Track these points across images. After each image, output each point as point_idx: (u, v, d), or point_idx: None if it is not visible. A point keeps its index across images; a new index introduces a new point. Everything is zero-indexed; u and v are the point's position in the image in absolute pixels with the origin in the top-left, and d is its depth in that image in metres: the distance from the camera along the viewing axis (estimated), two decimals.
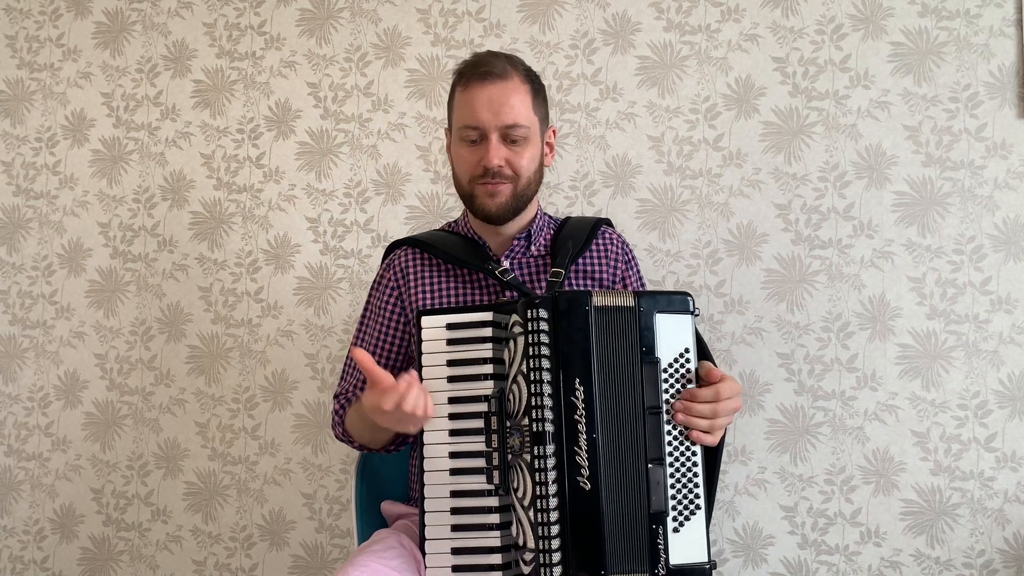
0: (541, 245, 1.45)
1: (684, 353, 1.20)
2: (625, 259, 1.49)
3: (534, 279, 1.42)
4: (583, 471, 1.12)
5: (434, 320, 1.22)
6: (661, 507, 1.15)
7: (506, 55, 1.37)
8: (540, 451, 1.12)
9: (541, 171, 1.42)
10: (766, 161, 1.89)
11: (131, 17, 2.10)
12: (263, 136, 2.05)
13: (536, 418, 1.12)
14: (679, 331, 1.19)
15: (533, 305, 1.15)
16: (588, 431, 1.13)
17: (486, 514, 1.16)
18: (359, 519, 1.49)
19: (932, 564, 1.84)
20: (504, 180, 1.34)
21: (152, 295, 2.08)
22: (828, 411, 1.87)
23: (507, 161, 1.33)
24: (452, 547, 1.16)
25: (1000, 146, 1.83)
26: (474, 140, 1.34)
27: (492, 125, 1.31)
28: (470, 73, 1.34)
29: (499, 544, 1.15)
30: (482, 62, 1.33)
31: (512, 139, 1.33)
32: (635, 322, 1.17)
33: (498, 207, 1.36)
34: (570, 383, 1.14)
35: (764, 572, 1.88)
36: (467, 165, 1.36)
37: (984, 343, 1.83)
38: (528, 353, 1.14)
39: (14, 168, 2.13)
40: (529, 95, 1.35)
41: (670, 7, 1.93)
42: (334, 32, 2.03)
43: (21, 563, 2.13)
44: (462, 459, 1.17)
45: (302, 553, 2.03)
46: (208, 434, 2.06)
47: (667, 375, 1.19)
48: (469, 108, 1.33)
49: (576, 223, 1.49)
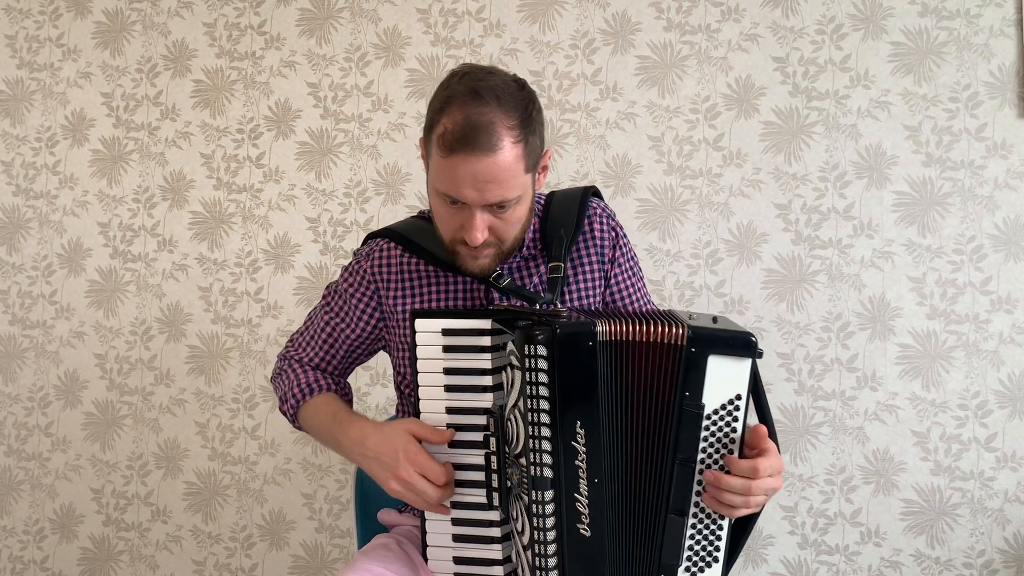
0: (528, 240, 1.33)
1: (734, 401, 1.05)
2: (612, 237, 1.35)
3: (529, 270, 1.33)
4: (583, 518, 1.05)
5: (428, 324, 1.15)
6: (674, 560, 1.07)
7: (496, 96, 1.12)
8: (538, 496, 1.04)
9: (533, 206, 1.26)
10: (766, 161, 1.89)
11: (131, 17, 2.10)
12: (263, 136, 2.05)
13: (534, 461, 1.04)
14: (733, 376, 1.04)
15: (531, 340, 1.03)
16: (590, 475, 1.04)
17: (487, 527, 1.13)
18: (359, 520, 1.49)
19: (932, 564, 1.83)
20: (488, 247, 1.19)
21: (152, 295, 2.08)
22: (828, 411, 1.87)
23: (491, 230, 1.17)
24: (454, 556, 1.14)
25: (1000, 146, 1.83)
26: (454, 202, 1.15)
27: (476, 203, 1.13)
28: (453, 141, 1.10)
29: (500, 557, 1.13)
30: (466, 129, 1.10)
31: (500, 206, 1.15)
32: (678, 362, 1.04)
33: (481, 268, 1.22)
34: (571, 426, 1.04)
35: (764, 572, 1.88)
36: (446, 225, 1.20)
37: (984, 343, 1.82)
38: (526, 392, 1.04)
39: (14, 168, 2.13)
40: (521, 157, 1.13)
41: (670, 7, 1.93)
42: (334, 32, 2.03)
43: (21, 563, 2.13)
44: (462, 471, 1.14)
45: (302, 553, 2.03)
46: (208, 434, 2.06)
47: (709, 423, 1.05)
48: (449, 178, 1.13)
49: (562, 200, 1.35)
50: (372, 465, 1.16)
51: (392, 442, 1.13)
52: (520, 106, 1.14)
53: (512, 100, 1.13)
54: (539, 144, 1.19)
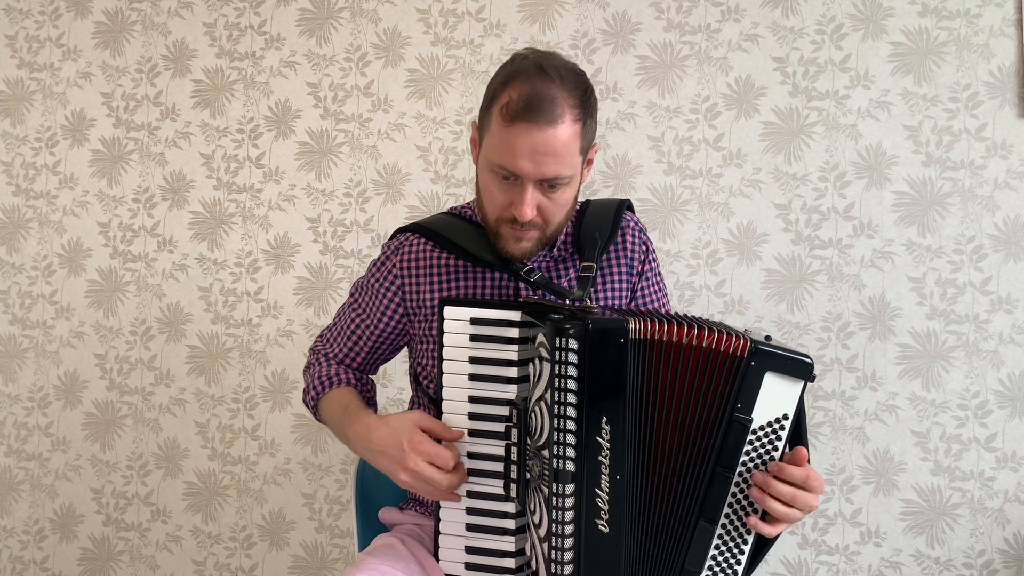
0: (560, 242, 1.34)
1: (780, 420, 1.07)
2: (643, 251, 1.38)
3: (559, 272, 1.34)
4: (603, 514, 1.06)
5: (457, 312, 1.15)
6: (697, 566, 1.08)
7: (560, 75, 1.15)
8: (559, 488, 1.05)
9: (578, 194, 1.28)
10: (766, 161, 1.89)
11: (131, 17, 2.10)
12: (263, 136, 2.05)
13: (557, 454, 1.05)
14: (784, 396, 1.07)
15: (563, 332, 1.03)
16: (612, 472, 1.05)
17: (501, 518, 1.13)
18: (359, 519, 1.49)
19: (932, 564, 1.84)
20: (533, 228, 1.21)
21: (152, 295, 2.08)
22: (828, 411, 1.87)
23: (539, 209, 1.19)
24: (466, 546, 1.15)
25: (1000, 146, 1.83)
26: (506, 178, 1.18)
27: (531, 176, 1.15)
28: (516, 111, 1.13)
29: (513, 549, 1.13)
30: (532, 100, 1.13)
31: (551, 185, 1.18)
32: (734, 372, 1.05)
33: (523, 252, 1.24)
34: (597, 421, 1.04)
35: (764, 572, 1.88)
36: (495, 202, 1.21)
37: (984, 343, 1.83)
38: (554, 384, 1.05)
39: (14, 168, 2.13)
40: (579, 136, 1.16)
41: (670, 7, 1.93)
42: (334, 32, 2.03)
43: (21, 563, 2.13)
44: (480, 460, 1.14)
45: (302, 553, 2.03)
46: (208, 434, 2.06)
47: (754, 437, 1.07)
48: (508, 149, 1.15)
49: (598, 208, 1.38)
50: (379, 459, 1.16)
51: (397, 434, 1.14)
52: (581, 88, 1.17)
53: (574, 81, 1.17)
54: (593, 130, 1.22)
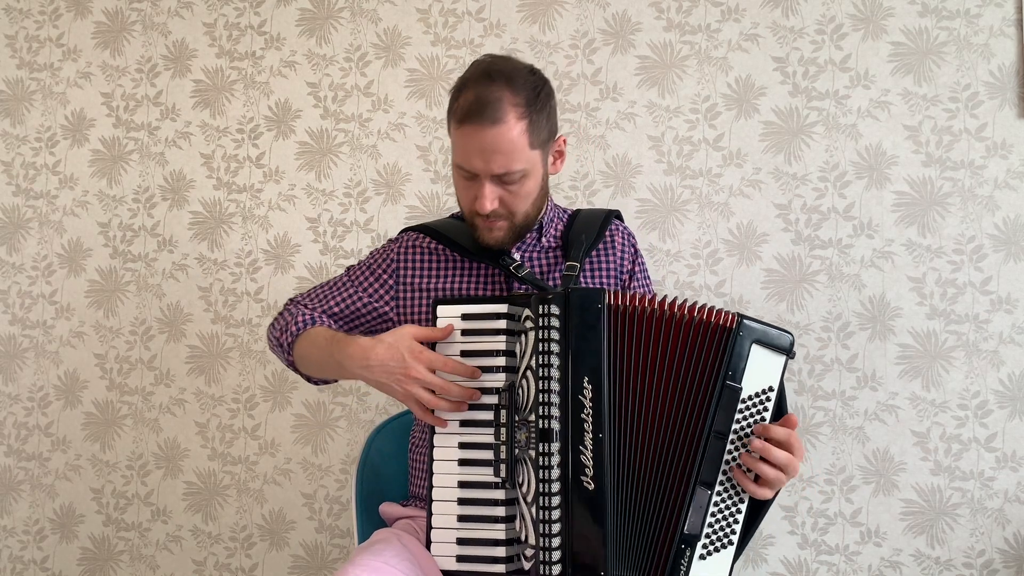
0: (552, 237, 1.44)
1: (767, 391, 1.15)
2: (632, 253, 1.48)
3: (546, 272, 1.42)
4: (587, 471, 1.11)
5: (450, 310, 1.21)
6: (696, 531, 1.12)
7: (507, 77, 1.25)
8: (545, 448, 1.11)
9: (545, 188, 1.38)
10: (766, 161, 1.89)
11: (131, 17, 2.11)
12: (263, 136, 2.05)
13: (542, 415, 1.12)
14: (769, 368, 1.14)
15: (545, 301, 1.13)
16: (595, 430, 1.11)
17: (492, 506, 1.16)
18: (359, 519, 1.49)
19: (932, 564, 1.84)
20: (500, 218, 1.32)
21: (152, 295, 2.08)
22: (828, 411, 1.87)
23: (501, 201, 1.29)
24: (458, 537, 1.17)
25: (1000, 146, 1.83)
26: (468, 176, 1.29)
27: (485, 172, 1.26)
28: (463, 114, 1.24)
29: (504, 537, 1.16)
30: (475, 104, 1.23)
31: (507, 180, 1.28)
32: (724, 342, 1.13)
33: (497, 240, 1.34)
34: (578, 381, 1.12)
35: (764, 572, 1.88)
36: (464, 198, 1.34)
37: (984, 343, 1.83)
38: (538, 349, 1.13)
39: (14, 168, 2.13)
40: (526, 132, 1.25)
41: (670, 7, 1.93)
42: (334, 32, 2.03)
43: (21, 563, 2.13)
44: (471, 450, 1.18)
45: (302, 553, 2.03)
46: (208, 434, 2.06)
47: (743, 407, 1.14)
48: (462, 150, 1.27)
49: (587, 216, 1.48)
50: (379, 375, 1.19)
51: (396, 347, 1.18)
52: (528, 87, 1.27)
53: (521, 81, 1.26)
54: (546, 124, 1.30)
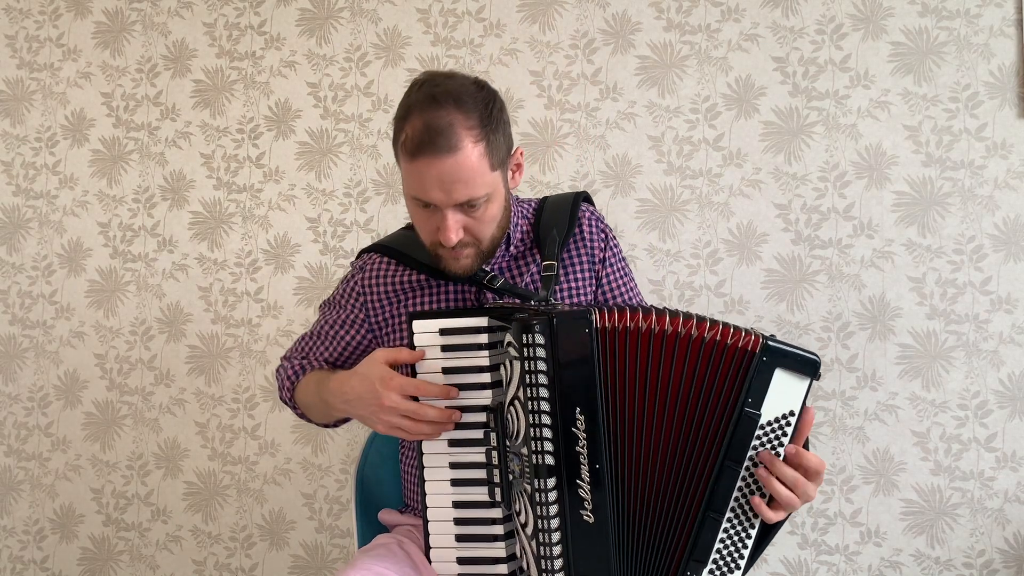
0: (519, 241, 1.36)
1: (787, 416, 1.08)
2: (602, 239, 1.38)
3: (519, 270, 1.34)
4: (586, 504, 1.06)
5: (426, 325, 1.15)
6: (703, 557, 1.09)
7: (455, 98, 1.15)
8: (540, 484, 1.06)
9: (508, 207, 1.28)
10: (766, 161, 1.89)
11: (131, 17, 2.10)
12: (263, 136, 2.05)
13: (535, 449, 1.06)
14: (792, 393, 1.08)
15: (529, 328, 1.04)
16: (591, 462, 1.06)
17: (490, 525, 1.13)
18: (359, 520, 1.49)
19: (932, 564, 1.84)
20: (466, 246, 1.22)
21: (152, 295, 2.08)
22: (828, 411, 1.87)
23: (466, 230, 1.20)
24: (458, 557, 1.14)
25: (1000, 146, 1.83)
26: (426, 206, 1.19)
27: (445, 203, 1.16)
28: (413, 146, 1.14)
29: (504, 555, 1.13)
30: (426, 133, 1.13)
31: (471, 206, 1.18)
32: (744, 367, 1.06)
33: (465, 269, 1.24)
34: (570, 413, 1.05)
35: (764, 572, 1.88)
36: (424, 230, 1.23)
37: (984, 343, 1.83)
38: (525, 381, 1.06)
39: (14, 168, 2.13)
40: (485, 155, 1.16)
41: (670, 7, 1.93)
42: (334, 32, 2.03)
43: (21, 563, 2.13)
44: (463, 470, 1.14)
45: (302, 553, 2.03)
46: (208, 434, 2.06)
47: (761, 433, 1.08)
48: (418, 182, 1.16)
49: (554, 204, 1.39)
50: (357, 408, 1.16)
51: (368, 378, 1.14)
52: (479, 106, 1.16)
53: (471, 101, 1.16)
54: (503, 141, 1.21)
